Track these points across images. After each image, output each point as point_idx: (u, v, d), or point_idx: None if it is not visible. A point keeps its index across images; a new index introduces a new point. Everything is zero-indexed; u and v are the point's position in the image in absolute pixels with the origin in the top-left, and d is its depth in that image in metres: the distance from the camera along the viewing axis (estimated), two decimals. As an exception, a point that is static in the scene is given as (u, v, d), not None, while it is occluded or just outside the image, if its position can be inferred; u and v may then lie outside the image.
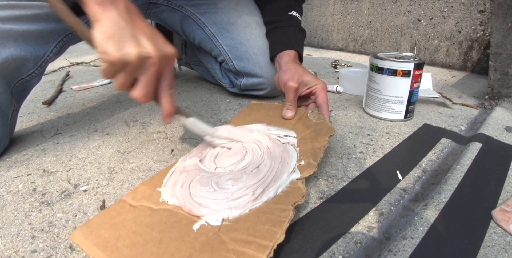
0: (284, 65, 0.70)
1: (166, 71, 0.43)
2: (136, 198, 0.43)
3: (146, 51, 0.40)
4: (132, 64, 0.39)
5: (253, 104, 0.68)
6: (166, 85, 0.44)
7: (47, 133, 0.72)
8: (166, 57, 0.42)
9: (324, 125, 0.57)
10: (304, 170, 0.46)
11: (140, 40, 0.40)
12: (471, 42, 1.22)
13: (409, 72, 0.68)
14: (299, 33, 0.79)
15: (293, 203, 0.39)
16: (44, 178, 0.54)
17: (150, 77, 0.41)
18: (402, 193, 0.48)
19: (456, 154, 0.61)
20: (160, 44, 0.42)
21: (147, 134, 0.69)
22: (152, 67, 0.41)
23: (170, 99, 0.45)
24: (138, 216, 0.40)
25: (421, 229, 0.39)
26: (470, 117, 0.79)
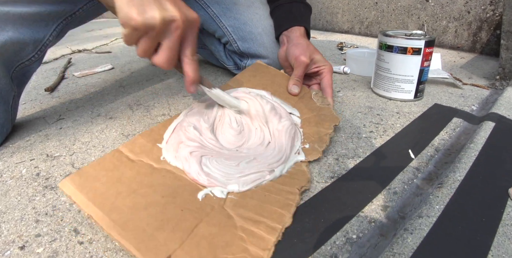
0: (295, 38, 0.68)
1: (190, 36, 0.42)
2: (134, 151, 0.41)
3: (170, 15, 0.38)
4: (156, 28, 0.38)
5: (258, 65, 0.65)
6: (190, 51, 0.43)
7: (50, 119, 0.71)
8: (190, 21, 0.41)
9: (328, 112, 0.55)
10: (309, 154, 0.45)
11: (163, 4, 0.39)
12: (481, 23, 1.18)
13: (419, 50, 0.66)
14: (304, 9, 0.76)
15: (300, 187, 0.39)
16: (48, 163, 0.53)
17: (174, 41, 0.40)
18: (415, 172, 0.46)
19: (468, 134, 0.59)
20: (183, 8, 0.40)
21: (151, 117, 0.68)
22: (176, 31, 0.39)
23: (194, 66, 0.43)
24: (138, 173, 0.38)
25: (437, 208, 0.38)
26: (481, 97, 0.77)
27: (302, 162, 0.44)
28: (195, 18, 0.42)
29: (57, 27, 0.64)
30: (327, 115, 0.54)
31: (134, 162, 0.39)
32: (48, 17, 0.61)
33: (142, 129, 0.62)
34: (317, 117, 0.54)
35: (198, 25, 0.42)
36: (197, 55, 0.44)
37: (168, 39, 0.40)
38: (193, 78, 0.44)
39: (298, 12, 0.74)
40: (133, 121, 0.66)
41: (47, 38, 0.63)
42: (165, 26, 0.38)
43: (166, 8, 0.38)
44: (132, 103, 0.76)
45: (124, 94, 0.83)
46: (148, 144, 0.43)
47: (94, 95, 0.84)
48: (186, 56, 0.43)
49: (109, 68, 1.11)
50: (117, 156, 0.40)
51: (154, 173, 0.38)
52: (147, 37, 0.39)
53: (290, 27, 0.72)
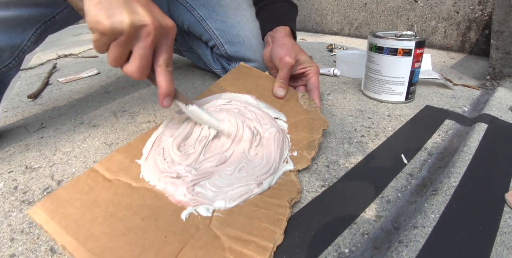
0: (280, 39, 0.65)
1: (164, 44, 0.39)
2: (111, 169, 0.38)
3: (140, 19, 0.35)
4: (125, 33, 0.35)
5: (241, 67, 0.62)
6: (164, 60, 0.39)
7: (31, 127, 0.68)
8: (163, 28, 0.38)
9: (316, 115, 0.53)
10: (297, 162, 0.43)
11: (134, 7, 0.36)
12: (469, 23, 1.18)
13: (410, 51, 0.64)
14: (289, 8, 0.74)
15: (290, 199, 0.37)
16: (26, 175, 0.50)
17: (145, 48, 0.37)
18: (408, 178, 0.45)
19: (461, 136, 0.58)
20: (156, 14, 0.38)
21: (135, 124, 0.65)
22: (147, 37, 0.36)
23: (168, 77, 0.40)
24: (116, 194, 0.35)
25: (432, 217, 0.36)
26: (472, 98, 0.76)
27: (291, 172, 0.42)
28: (170, 26, 0.39)
29: (35, 32, 0.61)
30: (315, 118, 0.53)
31: (111, 182, 0.37)
32: (25, 22, 0.59)
33: (126, 138, 0.60)
34: (305, 121, 0.52)
35: (173, 33, 0.40)
36: (171, 67, 0.41)
37: (138, 46, 0.37)
38: (166, 91, 0.40)
39: (282, 12, 0.72)
40: (117, 129, 0.64)
41: (25, 43, 0.60)
42: (134, 31, 0.35)
43: (137, 12, 0.36)
44: (117, 109, 0.74)
45: (109, 100, 0.80)
46: (126, 160, 0.40)
47: (78, 101, 0.82)
48: (159, 66, 0.39)
49: (95, 73, 1.08)
50: (92, 176, 0.37)
51: (132, 193, 0.36)
52: (116, 43, 0.36)
53: (274, 27, 0.70)
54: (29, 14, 0.59)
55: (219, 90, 0.55)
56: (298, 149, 0.46)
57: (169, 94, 0.41)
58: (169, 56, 0.40)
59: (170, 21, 0.39)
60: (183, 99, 0.44)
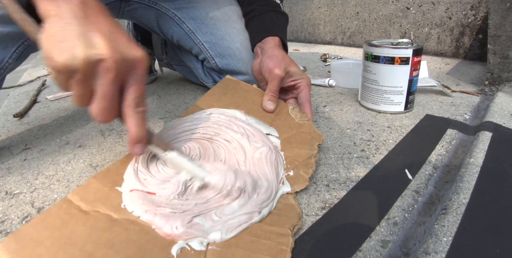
0: (269, 50, 0.62)
1: (131, 80, 0.34)
2: (87, 199, 0.33)
3: (95, 53, 0.31)
4: (80, 70, 0.30)
5: (228, 80, 0.59)
6: (133, 100, 0.34)
7: (15, 148, 0.65)
8: (128, 61, 0.33)
9: (309, 128, 0.51)
10: (294, 183, 0.40)
11: (91, 39, 0.31)
12: (463, 28, 1.17)
13: (407, 59, 0.62)
14: (277, 17, 0.71)
15: (292, 226, 0.33)
16: (6, 202, 0.47)
17: (106, 87, 0.32)
18: (414, 195, 0.42)
19: (466, 146, 0.55)
20: (121, 44, 0.33)
21: (123, 143, 0.62)
22: (107, 73, 0.31)
23: (138, 119, 0.34)
24: (94, 228, 0.31)
25: (445, 240, 0.33)
26: (472, 104, 0.74)
27: (288, 194, 0.39)
28: (138, 57, 0.33)
29: (17, 49, 0.59)
30: (308, 132, 0.50)
31: (87, 214, 0.32)
32: (6, 39, 0.57)
33: (113, 159, 0.56)
34: (298, 136, 0.49)
35: (142, 65, 0.34)
36: (145, 105, 0.35)
37: (99, 84, 0.32)
38: (136, 136, 0.35)
39: (270, 22, 0.70)
40: (103, 149, 0.61)
41: (6, 60, 0.58)
42: (91, 67, 0.31)
43: (94, 44, 0.31)
44: (104, 128, 0.71)
45: (97, 118, 0.77)
46: (105, 188, 0.36)
47: (65, 120, 0.79)
48: (127, 106, 0.34)
49: (84, 89, 1.06)
50: (66, 208, 0.32)
51: (113, 227, 0.31)
52: (74, 81, 0.31)
53: (263, 38, 0.67)
54: (10, 31, 0.56)
55: (205, 106, 0.52)
56: (294, 167, 0.43)
57: (140, 140, 0.35)
58: (139, 94, 0.34)
59: (137, 52, 0.34)
60: (160, 144, 0.38)
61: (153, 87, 1.00)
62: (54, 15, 0.32)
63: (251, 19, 0.72)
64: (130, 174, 0.38)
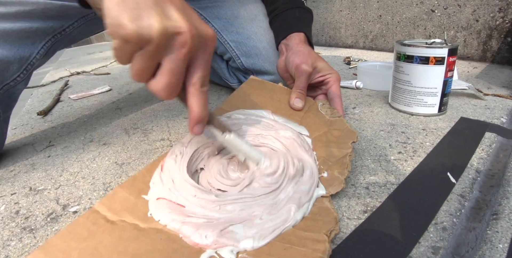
0: (294, 46, 0.60)
1: (200, 58, 0.32)
2: (113, 209, 0.33)
3: (174, 25, 0.29)
4: (154, 41, 0.28)
5: (252, 80, 0.56)
6: (199, 78, 0.32)
7: (39, 145, 0.65)
8: (202, 38, 0.31)
9: (341, 125, 0.48)
10: (329, 185, 0.38)
11: (167, 10, 0.29)
12: (490, 31, 1.13)
13: (442, 59, 0.60)
14: (301, 14, 0.69)
15: (328, 232, 0.31)
16: (30, 198, 0.46)
17: (177, 62, 0.30)
18: (460, 200, 0.39)
19: (506, 150, 0.52)
20: (195, 20, 0.31)
21: (148, 142, 0.61)
22: (181, 48, 0.29)
23: (202, 99, 0.33)
24: (121, 238, 0.30)
25: (501, 247, 0.30)
26: (508, 108, 0.70)
27: (323, 197, 0.36)
28: (210, 35, 0.32)
29: (44, 45, 0.59)
30: (341, 130, 0.47)
31: (114, 224, 0.31)
32: (35, 34, 0.57)
33: (138, 157, 0.55)
34: (329, 134, 0.46)
35: (213, 44, 0.33)
36: (208, 86, 0.34)
37: (169, 58, 0.30)
38: (199, 116, 0.33)
39: (293, 18, 0.68)
40: (128, 147, 0.59)
41: (33, 56, 0.58)
42: (166, 40, 0.29)
43: (170, 16, 0.29)
44: (129, 126, 0.70)
45: (120, 117, 0.77)
46: (131, 197, 0.35)
47: (89, 118, 0.78)
48: (193, 84, 0.32)
49: (106, 89, 1.06)
50: (93, 218, 0.31)
51: (140, 237, 0.30)
52: (142, 53, 0.29)
53: (287, 35, 0.65)
54: (39, 27, 0.56)
55: (230, 108, 0.50)
56: (328, 168, 0.41)
57: (202, 120, 0.34)
58: (205, 73, 0.33)
59: (210, 30, 0.32)
60: (219, 125, 0.37)
61: (174, 88, 0.99)
62: None
63: (275, 17, 0.71)
64: (157, 182, 0.37)
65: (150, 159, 0.54)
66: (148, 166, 0.40)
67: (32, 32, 0.56)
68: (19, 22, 0.54)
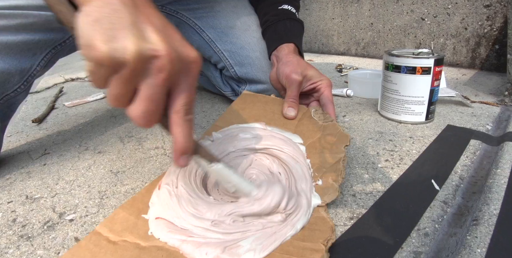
0: (284, 56, 0.62)
1: (183, 83, 0.29)
2: (115, 230, 0.33)
3: (151, 48, 0.26)
4: (129, 65, 0.26)
5: (245, 95, 0.58)
6: (183, 105, 0.30)
7: (34, 153, 0.66)
8: (183, 61, 0.29)
9: (334, 129, 0.49)
10: (324, 194, 0.38)
11: (145, 31, 0.27)
12: (479, 39, 1.17)
13: (429, 69, 0.62)
14: (292, 25, 0.70)
15: (325, 241, 0.32)
16: (26, 206, 0.47)
17: (155, 88, 0.28)
18: (443, 206, 0.41)
19: (490, 157, 0.54)
20: (175, 41, 0.29)
21: (143, 150, 0.62)
22: (159, 73, 0.27)
23: (186, 128, 0.30)
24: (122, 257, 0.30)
25: (479, 252, 0.32)
26: (493, 115, 0.73)
27: (319, 207, 0.37)
28: (193, 58, 0.30)
29: (45, 57, 0.60)
30: (334, 134, 0.48)
31: (116, 245, 0.32)
32: (35, 46, 0.58)
33: (133, 165, 0.56)
34: (323, 139, 0.47)
35: (197, 68, 0.30)
36: (192, 114, 0.31)
37: (147, 84, 0.27)
38: (183, 147, 0.31)
39: (284, 30, 0.69)
40: (123, 155, 0.61)
41: (34, 68, 0.59)
42: (142, 63, 0.26)
43: (148, 37, 0.27)
44: (123, 135, 0.71)
45: (115, 125, 0.78)
46: (131, 217, 0.36)
47: (84, 126, 0.79)
48: (176, 112, 0.30)
49: (101, 97, 1.07)
50: (95, 240, 0.32)
51: (142, 255, 0.31)
52: (117, 77, 0.27)
53: (277, 46, 0.66)
54: (40, 39, 0.57)
55: (225, 124, 0.51)
56: (322, 175, 0.42)
57: (187, 151, 0.31)
58: (189, 100, 0.30)
59: (192, 52, 0.30)
60: (205, 155, 0.34)
61: (169, 95, 1.00)
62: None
63: (266, 28, 0.73)
64: (155, 202, 0.38)
65: (144, 168, 0.55)
66: (147, 186, 0.40)
67: (33, 44, 0.57)
68: (21, 35, 0.55)
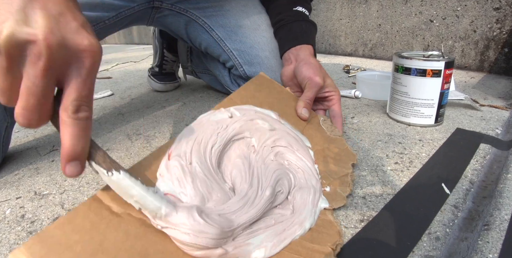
0: (306, 57, 0.62)
1: (73, 75, 0.26)
2: (118, 199, 0.28)
3: (26, 31, 0.23)
4: (2, 50, 0.23)
5: (262, 78, 0.56)
6: (72, 101, 0.26)
7: (42, 149, 0.66)
8: (66, 49, 0.25)
9: (341, 145, 0.50)
10: (332, 199, 0.39)
11: (32, 15, 0.24)
12: (488, 41, 1.16)
13: (439, 72, 0.61)
14: (307, 27, 0.70)
15: (334, 245, 0.32)
16: (35, 202, 0.47)
17: (34, 79, 0.24)
18: (454, 210, 0.40)
19: (500, 161, 0.54)
20: (66, 27, 0.25)
21: (151, 148, 0.62)
22: (37, 60, 0.24)
23: (75, 129, 0.26)
24: (126, 235, 0.27)
25: (490, 257, 0.32)
26: (503, 119, 0.72)
27: (326, 210, 0.37)
28: (82, 46, 0.26)
29: None
30: (341, 149, 0.49)
31: (119, 217, 0.28)
32: None
33: (142, 162, 0.57)
34: (331, 151, 0.48)
35: (91, 56, 0.26)
36: (89, 110, 0.27)
37: (26, 74, 0.24)
38: (70, 152, 0.26)
39: (300, 31, 0.69)
40: (131, 153, 0.61)
41: None
42: (15, 49, 0.23)
43: (30, 21, 0.24)
44: (131, 132, 0.71)
45: (123, 123, 0.78)
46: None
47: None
48: (64, 110, 0.26)
49: (108, 94, 1.07)
50: (95, 207, 0.27)
51: (149, 234, 0.28)
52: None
53: (294, 46, 0.66)
54: None
55: (240, 101, 0.49)
56: (330, 183, 0.42)
57: (76, 157, 0.26)
58: (81, 95, 0.26)
59: (85, 40, 0.26)
60: (103, 161, 0.28)
61: (177, 94, 1.01)
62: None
63: (280, 27, 0.72)
64: (164, 175, 0.34)
65: (152, 166, 0.55)
66: (155, 152, 0.36)
67: None
68: None
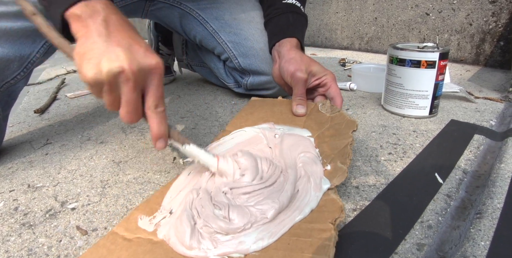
0: (286, 53, 0.61)
1: (149, 85, 0.38)
2: (130, 228, 0.35)
3: (116, 66, 0.35)
4: (106, 82, 0.35)
5: (254, 101, 0.59)
6: (153, 102, 0.38)
7: (36, 143, 0.65)
8: (144, 70, 0.36)
9: (342, 118, 0.49)
10: (333, 177, 0.38)
11: (113, 54, 0.35)
12: (483, 35, 1.15)
13: (434, 63, 0.61)
14: (294, 19, 0.69)
15: (333, 220, 0.32)
16: (28, 195, 0.47)
17: (128, 94, 0.36)
18: (447, 199, 0.41)
19: (494, 152, 0.54)
20: (138, 55, 0.37)
21: (145, 141, 0.62)
22: (127, 83, 0.35)
23: (158, 119, 0.39)
24: (136, 252, 0.32)
25: (483, 244, 0.32)
26: (497, 111, 0.72)
27: (328, 189, 0.37)
28: (153, 65, 0.37)
29: (45, 44, 0.60)
30: (340, 123, 0.48)
31: (130, 241, 0.34)
32: (35, 33, 0.57)
33: (135, 155, 0.56)
34: (331, 128, 0.48)
35: (158, 71, 0.38)
36: (162, 107, 0.40)
37: (123, 93, 0.36)
38: (156, 133, 0.39)
39: (286, 23, 0.68)
40: (125, 145, 0.61)
41: (34, 55, 0.59)
42: (113, 79, 0.35)
43: (115, 58, 0.35)
44: (126, 125, 0.71)
45: (117, 116, 0.78)
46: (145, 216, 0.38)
47: (86, 117, 0.79)
48: (148, 108, 0.38)
49: (103, 88, 1.06)
50: (112, 239, 0.34)
51: (154, 248, 0.32)
52: (104, 91, 0.36)
53: (278, 41, 0.65)
54: None
55: (234, 129, 0.51)
56: (330, 161, 0.41)
57: (161, 136, 0.40)
58: (157, 97, 0.38)
59: (153, 60, 0.37)
60: (178, 138, 0.41)
61: (172, 88, 1.00)
62: (82, 35, 0.37)
63: (268, 21, 0.72)
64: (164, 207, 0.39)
65: (147, 158, 0.55)
66: (162, 188, 0.42)
67: (32, 31, 0.56)
68: (20, 21, 0.54)
